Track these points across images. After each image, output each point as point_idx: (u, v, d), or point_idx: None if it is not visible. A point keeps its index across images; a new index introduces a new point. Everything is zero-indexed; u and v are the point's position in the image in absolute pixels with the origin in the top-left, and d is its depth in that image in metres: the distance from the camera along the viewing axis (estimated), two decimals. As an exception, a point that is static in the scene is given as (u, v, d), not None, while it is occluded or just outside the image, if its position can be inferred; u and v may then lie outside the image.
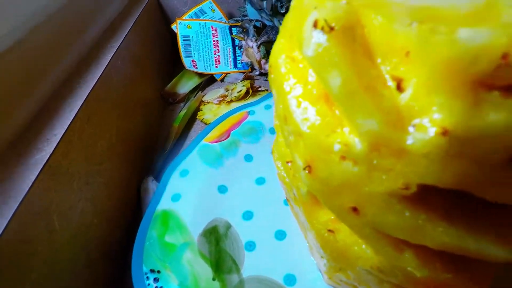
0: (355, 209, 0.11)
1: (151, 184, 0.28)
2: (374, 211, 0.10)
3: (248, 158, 0.28)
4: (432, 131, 0.08)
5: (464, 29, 0.08)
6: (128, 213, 0.26)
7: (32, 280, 0.15)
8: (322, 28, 0.10)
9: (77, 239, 0.19)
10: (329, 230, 0.13)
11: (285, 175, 0.17)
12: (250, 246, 0.23)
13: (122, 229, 0.25)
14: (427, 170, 0.09)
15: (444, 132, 0.08)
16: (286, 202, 0.24)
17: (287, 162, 0.15)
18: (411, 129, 0.09)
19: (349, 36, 0.10)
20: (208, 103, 0.37)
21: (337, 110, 0.11)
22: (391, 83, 0.09)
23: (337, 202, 0.11)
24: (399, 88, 0.09)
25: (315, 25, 0.10)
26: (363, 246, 0.13)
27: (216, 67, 0.40)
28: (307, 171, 0.11)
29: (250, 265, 0.22)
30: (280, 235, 0.23)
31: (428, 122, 0.08)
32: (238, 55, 0.40)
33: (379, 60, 0.10)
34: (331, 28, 0.10)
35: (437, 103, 0.08)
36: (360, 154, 0.10)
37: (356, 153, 0.10)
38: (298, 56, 0.13)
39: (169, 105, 0.39)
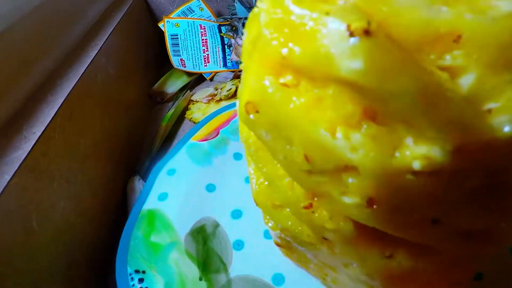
0: (436, 221, 0.10)
1: (138, 184, 0.27)
2: (458, 215, 0.09)
3: (237, 156, 0.28)
4: None
5: (502, 2, 0.08)
6: (114, 213, 0.26)
7: (7, 286, 0.15)
8: (365, 33, 0.08)
9: (58, 239, 0.18)
10: (389, 256, 0.12)
11: (290, 224, 0.14)
12: (239, 245, 0.22)
13: (106, 230, 0.24)
14: None
15: None
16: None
17: (305, 207, 0.12)
18: (490, 114, 0.08)
19: (383, 36, 0.08)
20: (197, 102, 0.37)
21: (382, 124, 0.09)
22: (443, 74, 0.08)
23: (411, 223, 0.10)
24: (453, 76, 0.08)
25: (351, 33, 0.08)
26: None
27: (205, 66, 0.40)
28: (368, 207, 0.09)
29: (238, 265, 0.21)
30: (269, 234, 0.23)
31: (509, 100, 0.08)
32: (228, 54, 0.40)
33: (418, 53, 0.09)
34: (367, 32, 0.08)
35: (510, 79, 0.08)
36: (444, 161, 0.08)
37: (439, 162, 0.08)
38: (291, 81, 0.10)
39: (157, 105, 0.39)
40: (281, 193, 0.13)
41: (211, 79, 0.41)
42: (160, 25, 0.39)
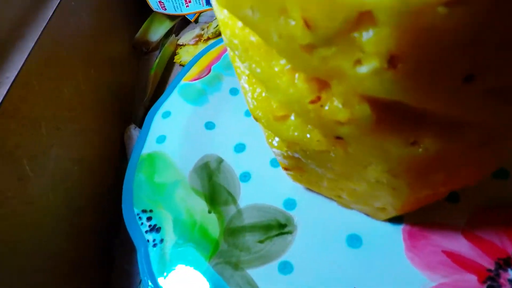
0: (469, 78, 0.08)
1: (134, 132, 0.26)
2: (494, 67, 0.08)
3: (234, 91, 0.26)
4: None
5: None
6: (113, 162, 0.25)
7: (4, 231, 0.14)
8: None
9: (56, 186, 0.18)
10: (413, 143, 0.10)
11: (297, 134, 0.13)
12: (245, 177, 0.21)
13: (107, 177, 0.23)
14: None
15: None
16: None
17: (312, 101, 0.11)
18: None
19: None
20: (184, 45, 0.34)
21: None
22: None
23: (441, 84, 0.08)
24: None
25: None
26: None
27: (187, 6, 0.37)
28: (389, 68, 0.08)
29: (247, 195, 0.20)
30: (276, 162, 0.22)
31: None
32: (210, -11, 0.37)
33: None
34: None
35: None
36: None
37: None
38: None
39: (144, 55, 0.36)
40: (282, 93, 0.11)
41: (196, 21, 0.37)
42: (132, -37, 0.35)
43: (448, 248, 0.15)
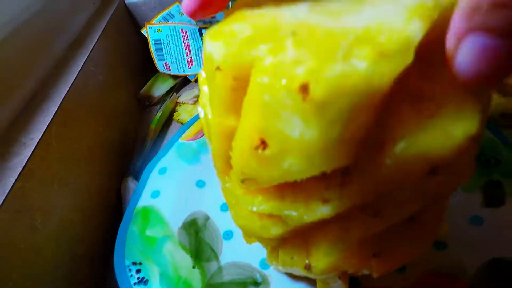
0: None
1: (131, 184, 0.29)
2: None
3: (224, 153, 0.30)
4: None
5: None
6: (110, 212, 0.27)
7: (14, 280, 0.16)
8: None
9: (60, 237, 0.20)
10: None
11: None
12: (228, 235, 0.24)
13: (104, 227, 0.26)
14: None
15: None
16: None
17: None
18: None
19: None
20: (183, 103, 0.38)
21: None
22: None
23: None
24: None
25: None
26: None
27: (189, 68, 0.41)
28: None
29: (228, 253, 0.23)
30: (256, 223, 0.24)
31: None
32: (211, 57, 0.42)
33: None
34: None
35: None
36: None
37: None
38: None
39: (146, 108, 0.40)
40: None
41: (196, 81, 0.42)
42: (143, 31, 0.41)
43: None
